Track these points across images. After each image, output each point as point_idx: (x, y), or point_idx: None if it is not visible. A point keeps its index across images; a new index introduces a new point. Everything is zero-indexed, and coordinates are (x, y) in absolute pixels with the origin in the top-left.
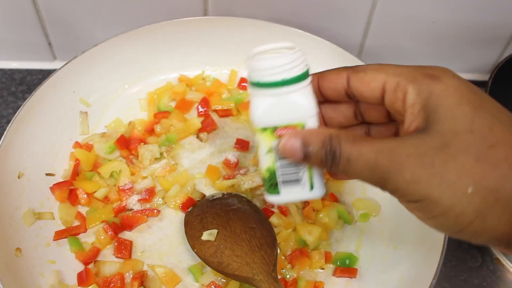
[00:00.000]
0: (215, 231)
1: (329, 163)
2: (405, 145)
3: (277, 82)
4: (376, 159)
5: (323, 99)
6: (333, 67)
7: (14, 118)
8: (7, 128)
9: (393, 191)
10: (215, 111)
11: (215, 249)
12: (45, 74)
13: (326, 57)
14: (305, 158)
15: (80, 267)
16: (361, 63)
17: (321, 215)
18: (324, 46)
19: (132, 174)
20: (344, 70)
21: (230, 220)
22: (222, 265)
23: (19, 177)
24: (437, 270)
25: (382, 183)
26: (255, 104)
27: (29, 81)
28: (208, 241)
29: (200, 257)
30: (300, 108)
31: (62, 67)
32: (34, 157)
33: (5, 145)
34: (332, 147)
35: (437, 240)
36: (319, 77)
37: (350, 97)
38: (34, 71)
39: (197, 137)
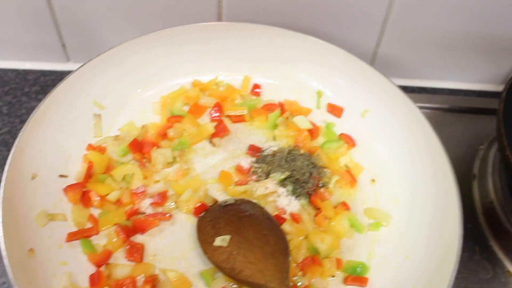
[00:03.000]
0: (228, 237)
1: None
2: None
3: None
4: None
5: None
6: (346, 74)
7: (29, 119)
8: (22, 129)
9: None
10: (228, 116)
11: (228, 255)
12: (58, 75)
13: (339, 64)
14: None
15: (92, 269)
16: (374, 71)
17: (332, 223)
18: (338, 54)
19: (145, 177)
20: None
21: (243, 226)
22: (235, 271)
23: (33, 178)
24: (450, 282)
25: None
26: None
27: (42, 82)
28: (220, 246)
29: (212, 262)
30: None
31: (77, 69)
32: (48, 158)
33: (20, 146)
34: None
35: (450, 251)
36: None
37: None
38: (47, 72)
39: (210, 142)
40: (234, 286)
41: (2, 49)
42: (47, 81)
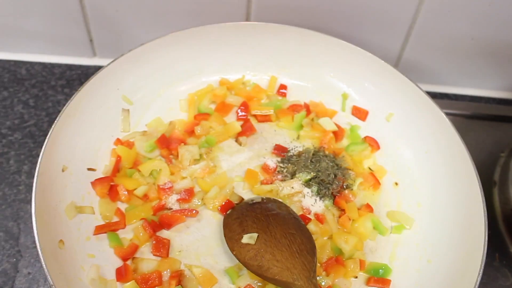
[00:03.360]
0: (255, 235)
1: None
2: None
3: None
4: None
5: None
6: (372, 77)
7: (61, 112)
8: (55, 122)
9: None
10: (254, 115)
11: (255, 253)
12: (84, 70)
13: (365, 67)
14: None
15: (118, 262)
16: (400, 75)
17: (356, 225)
18: (364, 57)
19: (172, 173)
20: None
21: (270, 225)
22: (262, 268)
23: (63, 170)
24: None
25: None
26: None
27: (68, 76)
28: (248, 244)
29: (239, 259)
30: None
31: (108, 64)
32: (77, 151)
33: (52, 138)
34: None
35: (474, 257)
36: None
37: None
38: (73, 66)
39: (236, 140)
40: (259, 283)
41: (31, 42)
42: (73, 75)
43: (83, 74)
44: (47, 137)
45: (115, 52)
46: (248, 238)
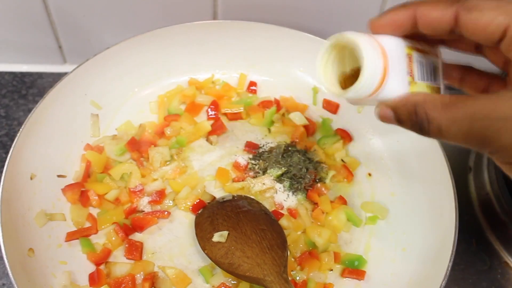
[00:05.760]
0: (225, 233)
1: (419, 131)
2: (501, 106)
3: None
4: (470, 127)
5: (412, 33)
6: None
7: (27, 120)
8: (20, 130)
9: (492, 154)
10: (225, 114)
11: (226, 251)
12: (55, 77)
13: None
14: (400, 124)
15: (91, 268)
16: None
17: (330, 218)
18: None
19: (143, 176)
20: (451, 5)
21: (241, 222)
22: (233, 266)
23: (31, 178)
24: (447, 272)
25: (479, 146)
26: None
27: (40, 84)
28: (219, 242)
29: (211, 258)
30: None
31: (74, 69)
32: (46, 158)
33: (18, 146)
34: (418, 117)
35: (446, 243)
36: (417, 7)
37: (451, 34)
38: (44, 74)
39: (207, 140)
40: (233, 281)
41: None
42: (44, 83)
43: (55, 81)
44: (12, 145)
45: (85, 57)
46: (219, 236)
